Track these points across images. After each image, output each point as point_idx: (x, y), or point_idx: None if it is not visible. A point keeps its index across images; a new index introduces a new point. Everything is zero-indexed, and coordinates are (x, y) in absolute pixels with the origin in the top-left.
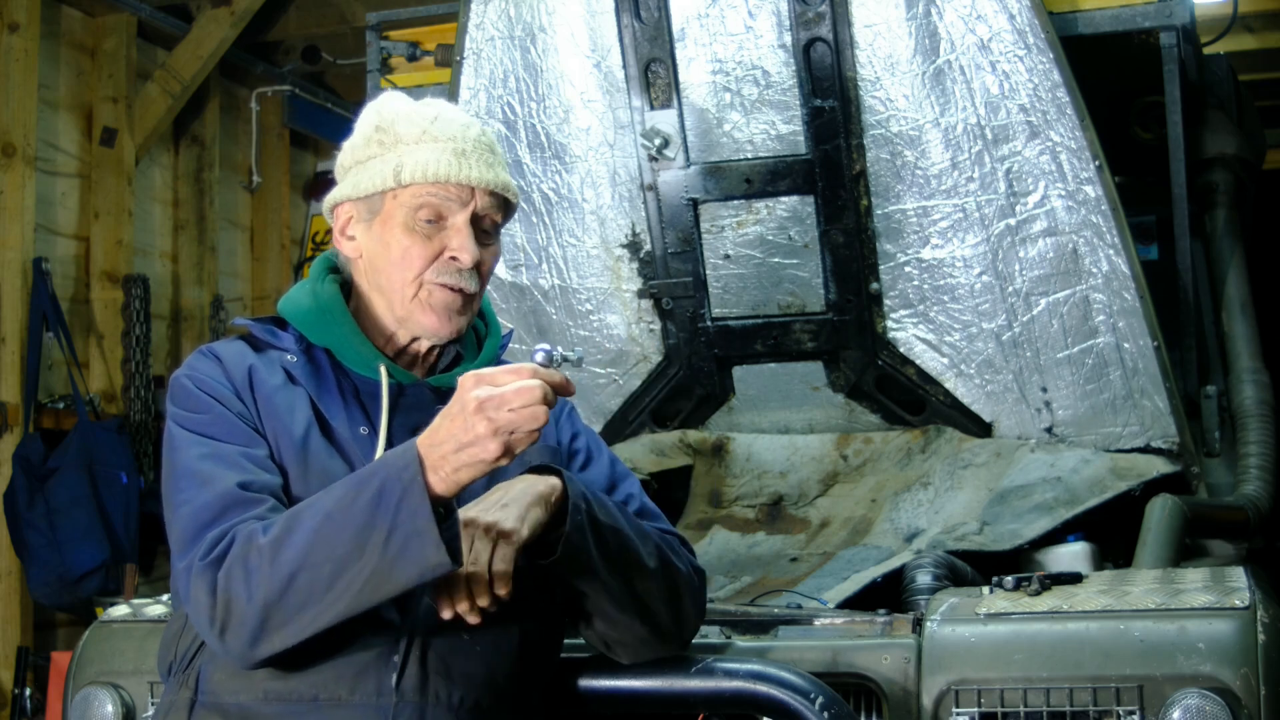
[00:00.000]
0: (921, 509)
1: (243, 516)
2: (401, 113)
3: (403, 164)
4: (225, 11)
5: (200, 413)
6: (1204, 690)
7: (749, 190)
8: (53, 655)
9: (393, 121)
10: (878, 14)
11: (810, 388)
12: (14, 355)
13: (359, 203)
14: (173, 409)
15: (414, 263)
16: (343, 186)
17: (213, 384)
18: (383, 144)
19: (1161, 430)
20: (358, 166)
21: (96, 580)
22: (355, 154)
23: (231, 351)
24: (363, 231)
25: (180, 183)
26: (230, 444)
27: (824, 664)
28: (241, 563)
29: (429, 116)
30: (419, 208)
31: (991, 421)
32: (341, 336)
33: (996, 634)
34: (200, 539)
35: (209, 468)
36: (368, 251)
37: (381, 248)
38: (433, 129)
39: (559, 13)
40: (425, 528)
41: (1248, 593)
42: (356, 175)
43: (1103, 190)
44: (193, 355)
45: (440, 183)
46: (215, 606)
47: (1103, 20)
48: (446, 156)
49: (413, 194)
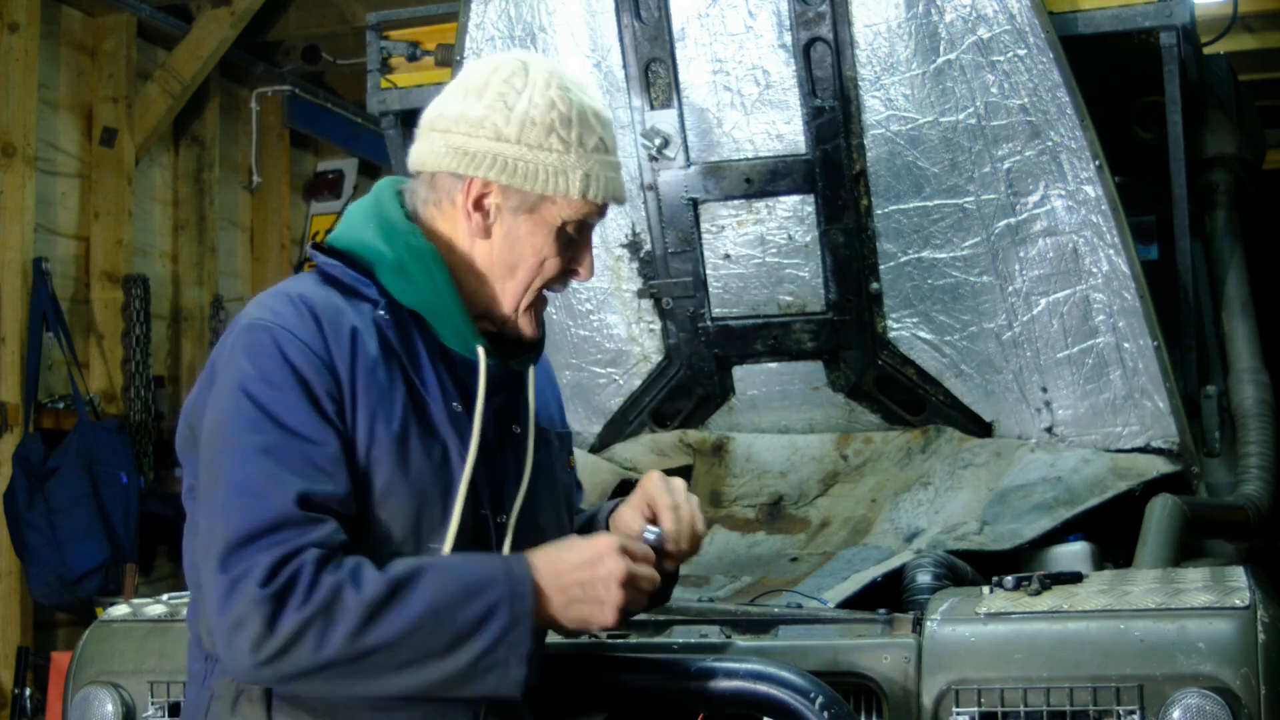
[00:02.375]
0: (921, 509)
1: (302, 540)
2: (583, 109)
3: (590, 179)
4: (225, 11)
5: (277, 388)
6: (1204, 690)
7: (749, 190)
8: (53, 655)
9: (578, 119)
10: (878, 14)
11: (810, 388)
12: (14, 355)
13: (511, 190)
14: (244, 364)
15: (549, 273)
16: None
17: (303, 354)
18: (564, 141)
19: (1161, 430)
20: (524, 148)
21: (96, 580)
22: (525, 134)
23: (326, 304)
24: (505, 219)
25: (180, 183)
26: (301, 438)
27: (824, 664)
28: (324, 614)
29: (604, 120)
30: (576, 222)
31: (991, 421)
32: (443, 308)
33: (996, 634)
34: (252, 555)
35: (271, 468)
36: (500, 239)
37: (522, 246)
38: (606, 137)
39: (559, 13)
40: (517, 663)
41: (1248, 592)
42: (524, 162)
43: (1103, 190)
44: (277, 298)
45: (605, 202)
46: (268, 638)
47: (1103, 20)
48: (614, 174)
49: (578, 208)
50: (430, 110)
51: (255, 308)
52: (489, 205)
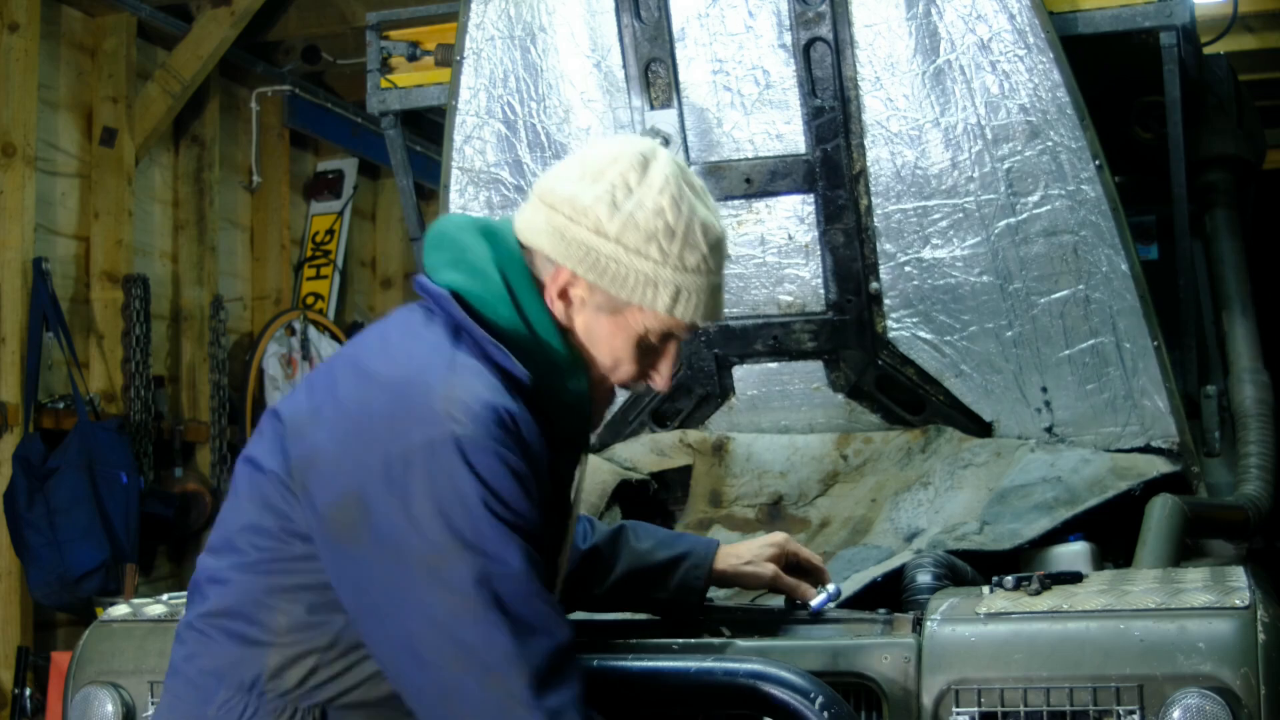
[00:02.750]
0: (921, 509)
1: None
2: (692, 222)
3: (680, 297)
4: (225, 11)
5: (523, 515)
6: (1204, 690)
7: (749, 190)
8: (53, 655)
9: (684, 233)
10: (878, 14)
11: (810, 388)
12: (14, 355)
13: (603, 293)
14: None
15: (622, 376)
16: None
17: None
18: (664, 252)
19: (1161, 430)
20: (620, 248)
21: (96, 580)
22: (624, 235)
23: (519, 415)
24: (587, 313)
25: (180, 183)
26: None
27: (824, 664)
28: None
29: (713, 239)
30: (659, 333)
31: (991, 421)
32: (578, 408)
33: (996, 634)
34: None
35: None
36: (583, 332)
37: (601, 346)
38: (711, 259)
39: (559, 13)
40: None
41: (1248, 592)
42: (617, 265)
43: (1103, 190)
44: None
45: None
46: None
47: (1103, 20)
48: (710, 298)
49: (664, 322)
50: (546, 179)
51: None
52: (574, 296)
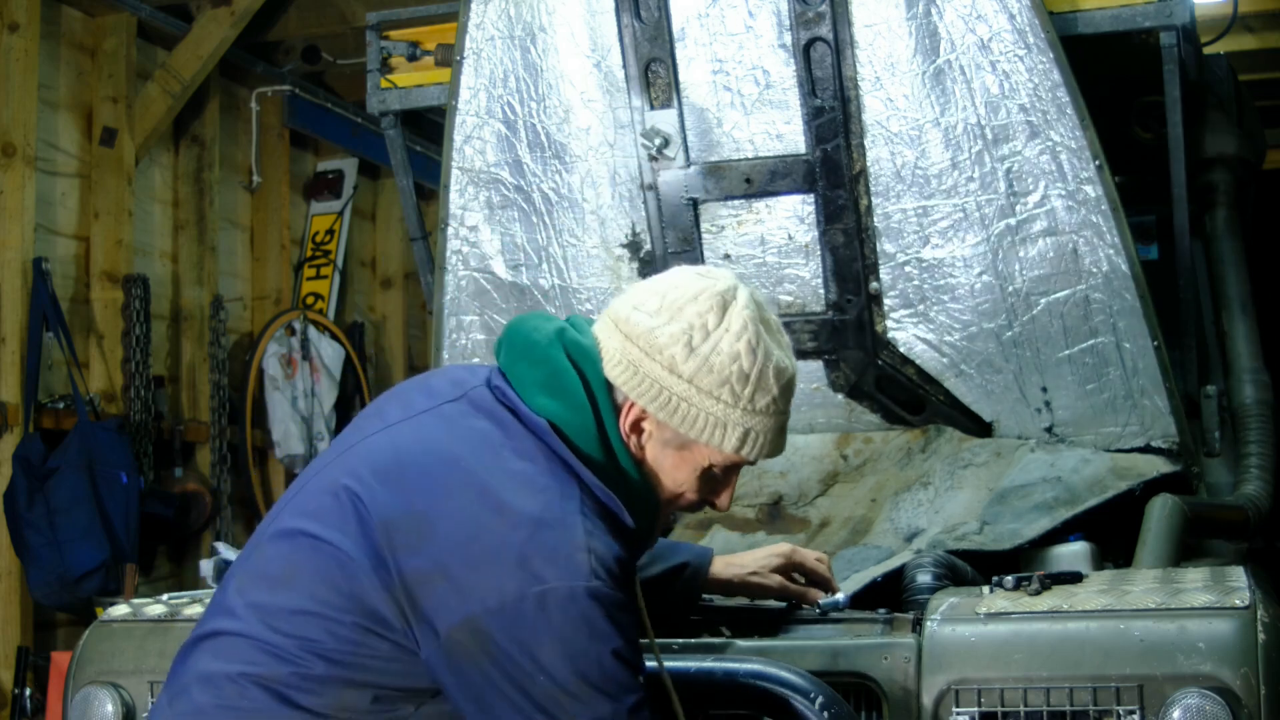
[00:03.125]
0: (921, 509)
1: None
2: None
3: (746, 438)
4: (225, 11)
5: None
6: (1204, 690)
7: (749, 190)
8: (53, 655)
9: (757, 378)
10: (878, 14)
11: (810, 388)
12: (14, 355)
13: (671, 431)
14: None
15: (682, 503)
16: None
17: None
18: (736, 396)
19: (1161, 430)
20: (693, 389)
21: (96, 580)
22: (699, 378)
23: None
24: (655, 448)
25: (180, 183)
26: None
27: (824, 664)
28: None
29: (784, 382)
30: (724, 466)
31: (991, 421)
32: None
33: (996, 634)
34: None
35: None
36: (650, 461)
37: (666, 476)
38: (781, 400)
39: (559, 13)
40: None
41: (1248, 592)
42: (687, 405)
43: (1103, 190)
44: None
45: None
46: None
47: (1103, 20)
48: (776, 437)
49: (730, 459)
50: (624, 305)
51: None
52: (645, 428)
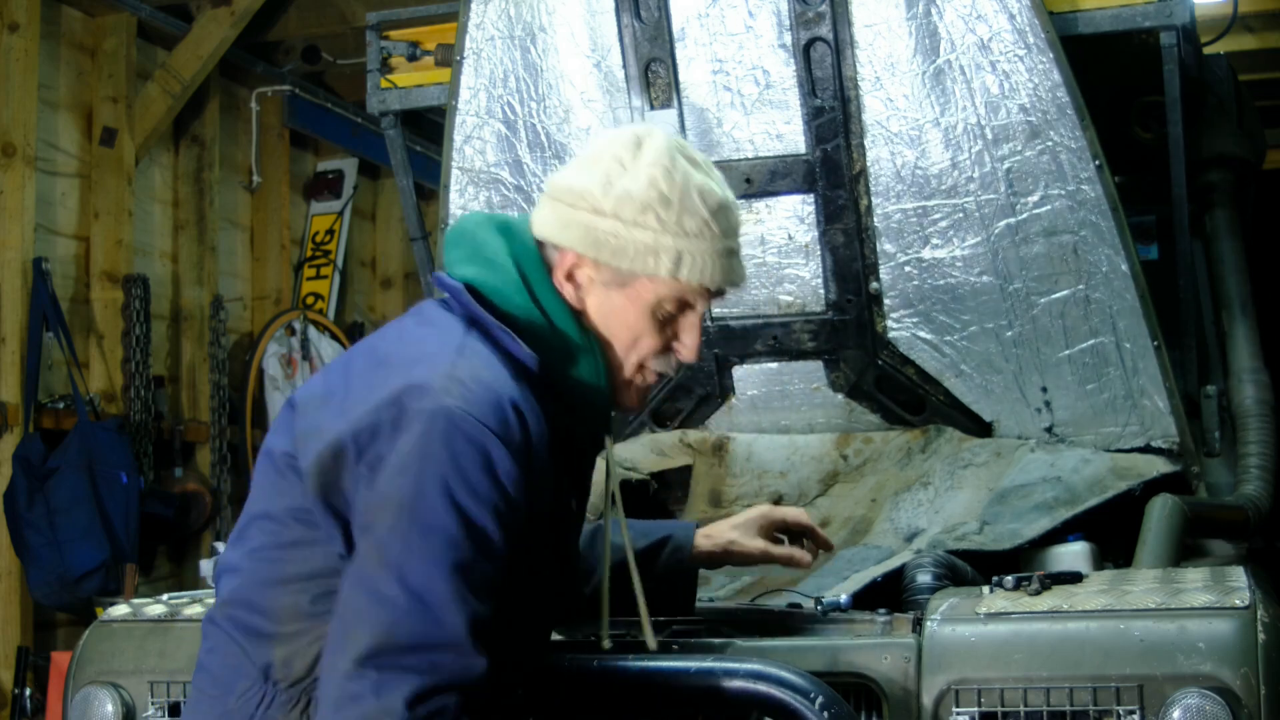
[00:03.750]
0: (921, 509)
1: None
2: (688, 188)
3: (682, 259)
4: (225, 11)
5: (482, 503)
6: (1204, 690)
7: (749, 190)
8: (53, 655)
9: (681, 198)
10: (878, 14)
11: (810, 388)
12: (14, 355)
13: (608, 267)
14: (449, 464)
15: (644, 351)
16: (589, 238)
17: (510, 473)
18: (661, 220)
19: (1161, 430)
20: (618, 223)
21: (96, 580)
22: (620, 209)
23: (531, 415)
24: (597, 292)
25: (180, 183)
26: (490, 558)
27: (824, 664)
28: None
29: (715, 203)
30: (672, 300)
31: (991, 421)
32: (597, 394)
33: (996, 634)
34: (408, 668)
35: (457, 586)
36: (595, 313)
37: (616, 322)
38: (715, 222)
39: (559, 13)
40: None
41: (1248, 592)
42: (616, 238)
43: (1103, 190)
44: (487, 391)
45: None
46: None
47: (1103, 20)
48: (722, 260)
49: (673, 288)
50: (552, 176)
51: (468, 396)
52: (582, 277)
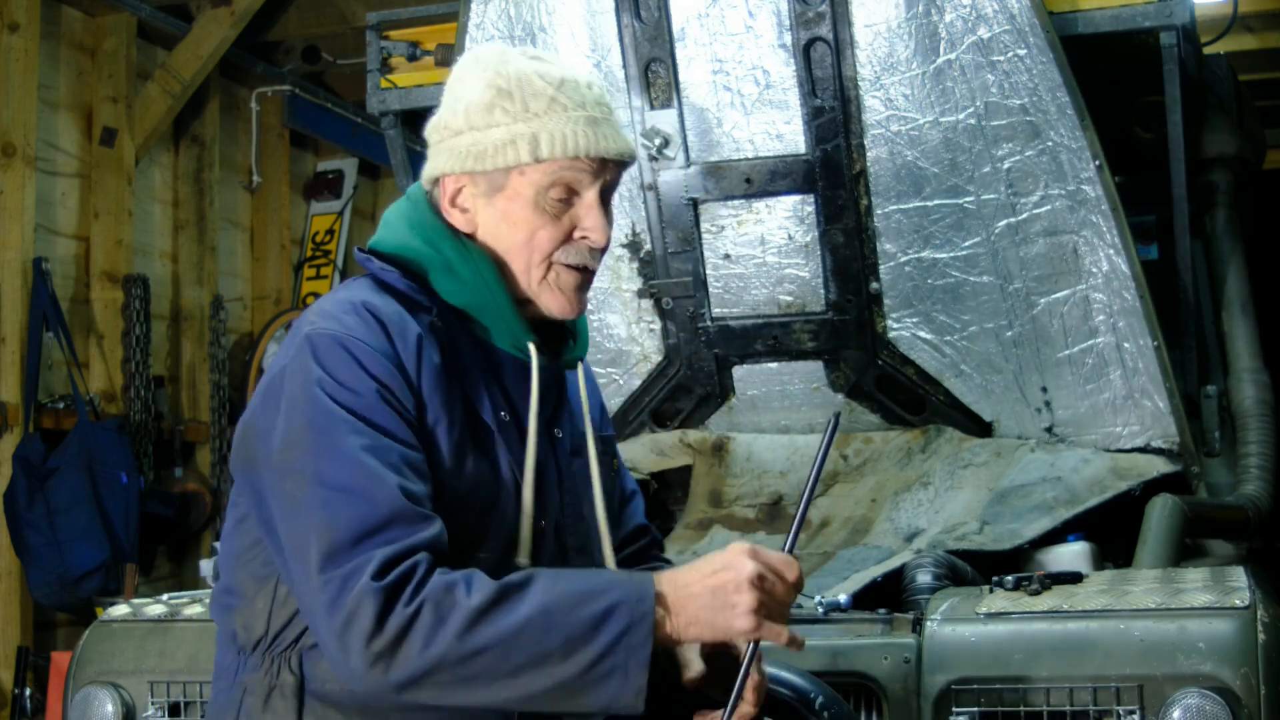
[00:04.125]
0: (921, 509)
1: (414, 537)
2: (525, 74)
3: (538, 138)
4: (225, 11)
5: (361, 395)
6: (1204, 690)
7: (749, 190)
8: (53, 655)
9: (518, 85)
10: (878, 14)
11: (810, 388)
12: (14, 355)
13: (476, 176)
14: (319, 373)
15: (544, 245)
16: (454, 157)
17: (377, 360)
18: (507, 112)
19: (1161, 430)
20: (473, 133)
21: (96, 580)
22: (470, 119)
23: (392, 312)
24: (482, 207)
25: (180, 183)
26: (396, 439)
27: (824, 664)
28: (434, 609)
29: (554, 80)
30: (551, 185)
31: (991, 421)
32: (496, 306)
33: (996, 634)
34: (365, 550)
35: (374, 465)
36: (487, 228)
37: (507, 227)
38: (560, 95)
39: (559, 13)
40: (636, 666)
41: (1248, 592)
42: (474, 145)
43: (1103, 190)
44: (339, 305)
45: (576, 157)
46: (379, 634)
47: (1103, 20)
48: (582, 128)
49: (545, 171)
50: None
51: (319, 317)
52: (464, 200)
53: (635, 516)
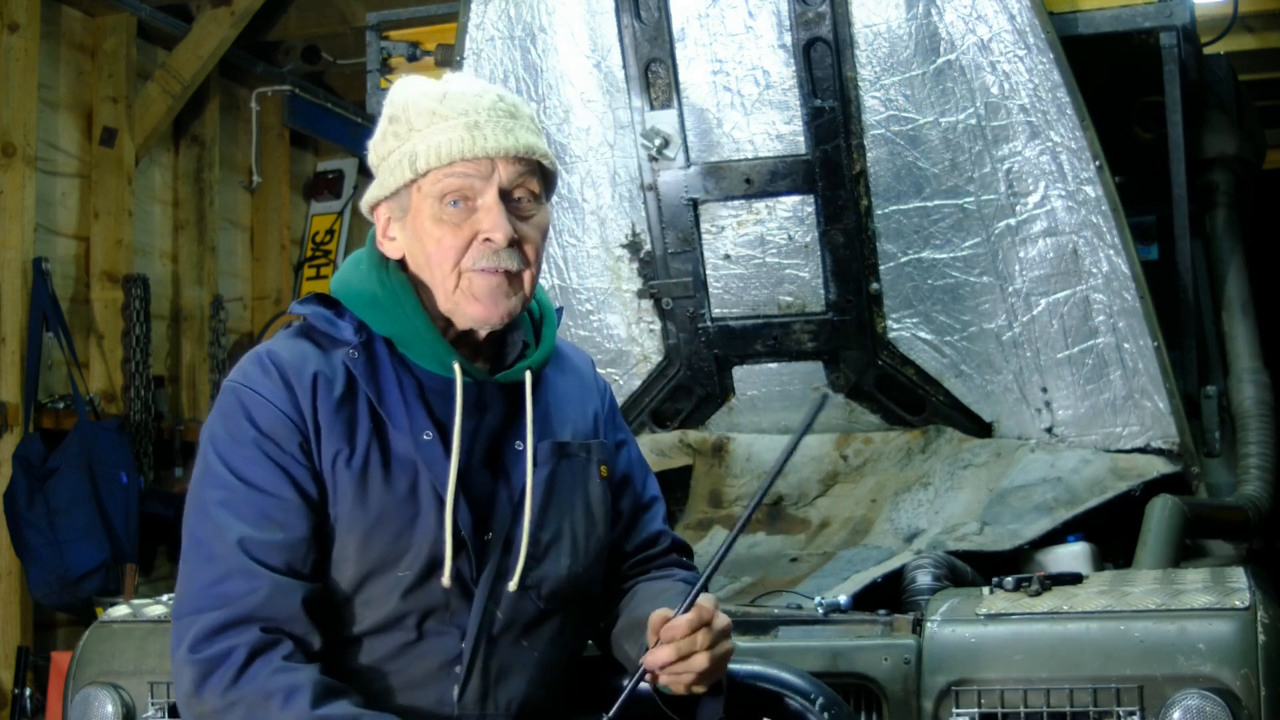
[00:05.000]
0: (921, 509)
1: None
2: (411, 97)
3: (416, 152)
4: (225, 11)
5: (240, 444)
6: (1204, 691)
7: (749, 190)
8: (53, 655)
9: (404, 108)
10: (878, 14)
11: (810, 388)
12: (14, 355)
13: (390, 202)
14: (215, 426)
15: (448, 254)
16: (373, 188)
17: (265, 410)
18: (398, 135)
19: (1161, 430)
20: (382, 165)
21: (96, 580)
22: (378, 151)
23: (292, 355)
24: (399, 230)
25: (180, 183)
26: (255, 489)
27: (824, 664)
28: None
29: (437, 95)
30: (442, 195)
31: (991, 421)
32: (414, 329)
33: (996, 634)
34: (195, 610)
35: (221, 518)
36: (408, 250)
37: (417, 244)
38: (442, 107)
39: (559, 13)
40: None
41: (1248, 593)
42: (381, 174)
43: (1103, 190)
44: (251, 360)
45: (455, 162)
46: (194, 700)
47: (1103, 20)
48: (459, 133)
49: (432, 181)
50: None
51: (236, 368)
52: (391, 230)
53: (651, 523)
